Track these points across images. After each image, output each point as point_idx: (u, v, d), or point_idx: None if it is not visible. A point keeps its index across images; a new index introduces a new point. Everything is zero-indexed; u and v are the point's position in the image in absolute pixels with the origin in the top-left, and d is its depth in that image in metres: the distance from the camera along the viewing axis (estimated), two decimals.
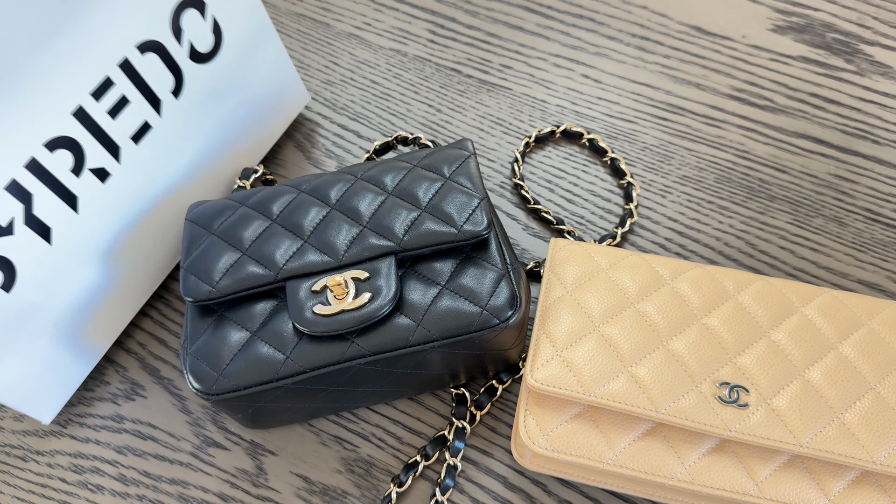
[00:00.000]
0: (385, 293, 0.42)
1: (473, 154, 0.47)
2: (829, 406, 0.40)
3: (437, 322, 0.42)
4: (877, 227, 0.55)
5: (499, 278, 0.43)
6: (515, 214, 0.57)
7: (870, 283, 0.53)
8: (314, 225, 0.44)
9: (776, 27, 0.65)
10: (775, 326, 0.43)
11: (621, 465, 0.41)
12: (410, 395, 0.49)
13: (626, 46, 0.65)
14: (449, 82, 0.64)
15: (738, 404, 0.40)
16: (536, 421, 0.42)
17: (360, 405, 0.49)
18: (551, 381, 0.41)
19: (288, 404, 0.45)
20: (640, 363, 0.42)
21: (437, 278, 0.43)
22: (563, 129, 0.60)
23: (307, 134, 0.62)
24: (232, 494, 0.48)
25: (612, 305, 0.44)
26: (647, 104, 0.62)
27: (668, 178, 0.58)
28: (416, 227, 0.43)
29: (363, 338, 0.42)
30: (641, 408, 0.40)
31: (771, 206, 0.57)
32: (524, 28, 0.67)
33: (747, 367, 0.41)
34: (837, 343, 0.42)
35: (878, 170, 0.58)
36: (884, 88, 0.61)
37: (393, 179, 0.46)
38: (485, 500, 0.47)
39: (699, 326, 0.43)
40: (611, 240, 0.54)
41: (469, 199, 0.44)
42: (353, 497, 0.47)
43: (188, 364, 0.42)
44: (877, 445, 0.39)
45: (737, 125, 0.60)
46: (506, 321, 0.42)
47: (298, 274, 0.43)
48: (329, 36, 0.68)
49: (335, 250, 0.43)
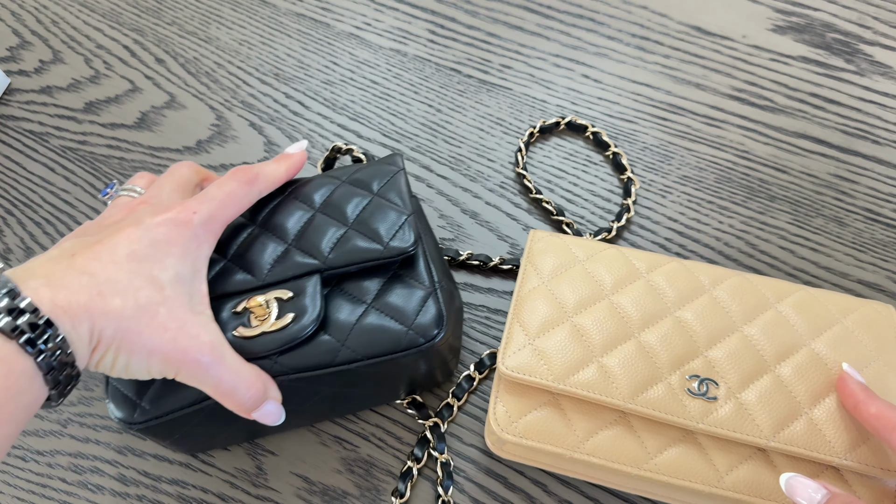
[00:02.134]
0: (309, 313, 0.40)
1: (402, 169, 0.46)
2: (798, 402, 0.40)
3: (362, 342, 0.41)
4: (877, 227, 0.55)
5: (426, 296, 0.42)
6: (516, 214, 0.57)
7: (870, 283, 0.53)
8: (238, 244, 0.43)
9: (776, 27, 0.65)
10: (749, 321, 0.43)
11: (589, 454, 0.41)
12: (348, 412, 0.48)
13: (626, 46, 0.65)
14: (449, 82, 0.64)
15: (706, 397, 0.40)
16: (507, 408, 0.42)
17: (297, 425, 0.47)
18: (522, 369, 0.42)
19: (215, 427, 0.43)
20: (610, 354, 0.42)
21: (364, 296, 0.42)
22: (568, 120, 0.60)
23: (307, 134, 0.62)
24: (232, 494, 0.48)
25: (587, 296, 0.44)
26: (647, 104, 0.62)
27: (668, 178, 0.58)
28: (342, 244, 0.42)
29: (286, 357, 0.40)
30: (610, 398, 0.41)
31: (771, 206, 0.57)
32: (524, 28, 0.67)
33: (718, 361, 0.42)
34: (810, 340, 0.42)
35: (878, 170, 0.58)
36: (884, 88, 0.61)
37: (321, 195, 0.45)
38: (485, 501, 0.47)
39: (672, 319, 0.43)
40: (606, 234, 0.55)
41: (397, 216, 0.43)
42: (353, 497, 0.47)
43: (109, 392, 0.41)
44: (843, 441, 0.39)
45: (737, 125, 0.60)
46: (432, 340, 0.41)
47: (220, 294, 0.42)
48: (329, 36, 0.68)
49: (258, 269, 0.42)
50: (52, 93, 0.66)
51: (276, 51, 0.67)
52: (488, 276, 0.55)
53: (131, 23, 0.70)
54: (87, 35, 0.69)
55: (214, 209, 0.39)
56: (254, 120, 0.63)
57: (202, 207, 0.38)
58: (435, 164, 0.60)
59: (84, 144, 0.63)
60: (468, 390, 0.50)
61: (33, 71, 0.67)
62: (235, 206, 0.40)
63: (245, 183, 0.41)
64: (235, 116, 0.64)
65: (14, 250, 0.58)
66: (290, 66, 0.66)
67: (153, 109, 0.64)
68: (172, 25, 0.69)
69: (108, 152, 0.62)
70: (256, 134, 0.62)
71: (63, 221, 0.59)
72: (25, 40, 0.69)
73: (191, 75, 0.66)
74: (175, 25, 0.69)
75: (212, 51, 0.67)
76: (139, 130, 0.63)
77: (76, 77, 0.67)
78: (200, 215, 0.38)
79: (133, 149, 0.62)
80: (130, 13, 0.70)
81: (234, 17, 0.69)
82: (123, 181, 0.60)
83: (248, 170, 0.42)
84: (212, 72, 0.66)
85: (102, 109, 0.65)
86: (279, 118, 0.63)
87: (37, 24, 0.70)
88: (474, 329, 0.53)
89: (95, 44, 0.68)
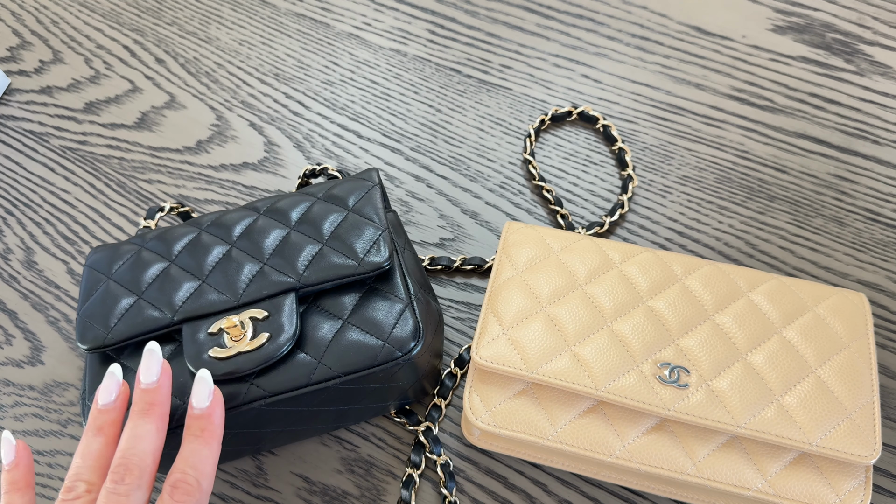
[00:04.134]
0: (285, 332, 0.40)
1: (378, 184, 0.46)
2: (769, 388, 0.41)
3: (339, 358, 0.40)
4: (877, 227, 0.55)
5: (402, 309, 0.42)
6: (516, 214, 0.57)
7: (870, 283, 0.53)
8: (214, 264, 0.43)
9: (776, 27, 0.65)
10: (721, 310, 0.44)
11: (562, 442, 0.41)
12: (328, 430, 0.48)
13: (626, 46, 0.65)
14: (449, 82, 0.64)
15: (677, 384, 0.41)
16: (481, 397, 0.43)
17: (275, 445, 0.47)
18: (496, 359, 0.42)
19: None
20: (583, 343, 0.43)
21: (340, 312, 0.42)
22: (581, 111, 0.60)
23: (307, 134, 0.62)
24: (232, 494, 0.48)
25: (561, 287, 0.45)
26: (646, 104, 0.62)
27: (668, 178, 0.58)
28: (317, 261, 0.42)
29: (262, 378, 0.40)
30: (582, 385, 0.41)
31: (771, 206, 0.57)
32: (524, 28, 0.67)
33: (690, 349, 0.42)
34: (782, 327, 0.43)
35: (878, 170, 0.58)
36: (884, 88, 0.61)
37: (296, 213, 0.45)
38: (485, 501, 0.47)
39: (644, 309, 0.44)
40: (598, 228, 0.55)
41: (373, 231, 0.43)
42: (353, 497, 0.47)
43: (85, 417, 0.41)
44: (814, 428, 0.39)
45: (737, 125, 0.60)
46: (409, 353, 0.41)
47: (195, 315, 0.41)
48: (329, 36, 0.68)
49: (234, 289, 0.42)
50: (52, 93, 0.66)
51: (276, 51, 0.67)
52: (483, 278, 0.55)
53: (131, 23, 0.70)
54: (87, 35, 0.69)
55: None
56: (254, 120, 0.63)
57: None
58: (435, 164, 0.60)
59: (84, 144, 0.63)
60: (452, 388, 0.50)
61: (33, 71, 0.67)
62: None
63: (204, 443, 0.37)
64: (235, 116, 0.64)
65: (14, 250, 0.58)
66: (290, 66, 0.66)
67: (153, 109, 0.64)
68: (172, 25, 0.69)
69: (108, 152, 0.62)
70: (256, 134, 0.62)
71: (63, 221, 0.59)
72: (25, 40, 0.69)
73: (191, 75, 0.66)
74: (175, 25, 0.69)
75: (212, 51, 0.67)
76: (139, 130, 0.63)
77: (76, 77, 0.67)
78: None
79: (133, 149, 0.62)
80: (130, 13, 0.70)
81: (234, 17, 0.69)
82: (124, 182, 0.60)
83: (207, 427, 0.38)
84: (212, 72, 0.66)
85: (102, 109, 0.65)
86: (279, 118, 0.63)
87: (37, 24, 0.70)
88: (473, 329, 0.53)
89: (95, 44, 0.68)
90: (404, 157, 0.61)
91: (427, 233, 0.57)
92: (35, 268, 0.57)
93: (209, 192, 0.60)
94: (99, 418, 0.37)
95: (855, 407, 0.40)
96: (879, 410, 0.41)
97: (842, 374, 0.41)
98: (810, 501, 0.39)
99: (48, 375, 0.53)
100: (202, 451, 0.36)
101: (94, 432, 0.37)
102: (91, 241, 0.58)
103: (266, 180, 0.60)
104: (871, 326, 0.43)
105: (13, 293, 0.56)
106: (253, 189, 0.60)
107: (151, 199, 0.60)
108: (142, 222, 0.54)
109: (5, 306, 0.56)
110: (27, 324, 0.55)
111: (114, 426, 0.37)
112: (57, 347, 0.54)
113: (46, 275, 0.57)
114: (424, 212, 0.58)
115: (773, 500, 0.40)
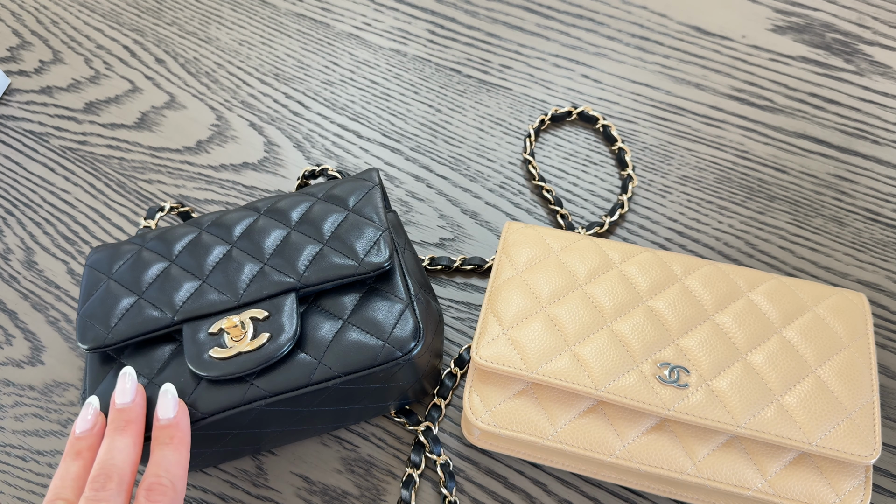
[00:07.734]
0: (285, 332, 0.40)
1: (378, 184, 0.46)
2: (769, 388, 0.41)
3: (339, 358, 0.40)
4: (876, 227, 0.55)
5: (402, 310, 0.42)
6: (516, 214, 0.57)
7: (869, 283, 0.53)
8: (214, 264, 0.43)
9: (776, 27, 0.65)
10: (720, 310, 0.44)
11: (561, 442, 0.41)
12: (328, 430, 0.48)
13: (626, 46, 0.65)
14: (449, 82, 0.64)
15: (677, 384, 0.41)
16: (481, 397, 0.43)
17: (275, 445, 0.47)
18: (496, 359, 0.42)
19: (193, 450, 0.43)
20: (583, 343, 0.42)
21: (340, 312, 0.42)
22: (581, 111, 0.60)
23: (307, 134, 0.62)
24: (232, 494, 0.48)
25: (561, 287, 0.45)
26: (646, 104, 0.62)
27: (668, 178, 0.58)
28: (318, 261, 0.42)
29: (263, 378, 0.40)
30: (582, 385, 0.41)
31: (771, 206, 0.57)
32: (524, 28, 0.67)
33: (690, 349, 0.42)
34: (782, 327, 0.43)
35: (878, 170, 0.58)
36: (883, 88, 0.61)
37: (297, 213, 0.45)
38: (485, 500, 0.47)
39: (644, 308, 0.44)
40: (598, 228, 0.55)
41: (373, 231, 0.43)
42: (353, 497, 0.47)
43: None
44: (814, 428, 0.39)
45: (736, 125, 0.60)
46: (409, 353, 0.41)
47: (196, 315, 0.41)
48: (329, 36, 0.68)
49: (234, 289, 0.42)
50: (52, 93, 0.66)
51: (276, 51, 0.67)
52: (483, 278, 0.55)
53: (131, 23, 0.70)
54: (87, 35, 0.69)
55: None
56: (254, 120, 0.63)
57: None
58: (435, 164, 0.60)
59: (84, 144, 0.63)
60: (452, 388, 0.50)
61: (33, 71, 0.67)
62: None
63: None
64: (235, 116, 0.64)
65: (14, 250, 0.58)
66: (290, 66, 0.66)
67: (153, 109, 0.64)
68: (172, 25, 0.69)
69: (108, 152, 0.62)
70: (256, 134, 0.62)
71: (63, 221, 0.59)
72: (25, 40, 0.69)
73: (191, 75, 0.66)
74: (175, 25, 0.69)
75: (212, 51, 0.67)
76: (139, 130, 0.63)
77: (76, 77, 0.67)
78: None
79: (133, 149, 0.62)
80: (130, 13, 0.70)
81: (234, 18, 0.69)
82: (124, 182, 0.60)
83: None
84: (212, 72, 0.66)
85: (102, 109, 0.65)
86: (279, 118, 0.63)
87: (37, 24, 0.70)
88: (473, 329, 0.53)
89: (95, 44, 0.68)
90: (404, 157, 0.61)
91: (427, 233, 0.57)
92: (35, 268, 0.57)
93: (209, 192, 0.60)
94: (76, 444, 0.38)
95: (855, 407, 0.40)
96: (879, 410, 0.41)
97: (842, 374, 0.41)
98: (810, 501, 0.39)
99: (48, 375, 0.53)
100: (172, 456, 0.37)
101: (72, 457, 0.38)
102: (91, 241, 0.58)
103: (266, 180, 0.60)
104: (871, 326, 0.43)
105: (13, 293, 0.56)
106: (253, 189, 0.60)
107: (151, 199, 0.60)
108: (142, 222, 0.54)
109: (5, 306, 0.56)
110: (27, 324, 0.55)
111: (91, 451, 0.38)
112: (57, 347, 0.54)
113: (46, 275, 0.57)
114: (424, 212, 0.58)
115: (773, 499, 0.40)
